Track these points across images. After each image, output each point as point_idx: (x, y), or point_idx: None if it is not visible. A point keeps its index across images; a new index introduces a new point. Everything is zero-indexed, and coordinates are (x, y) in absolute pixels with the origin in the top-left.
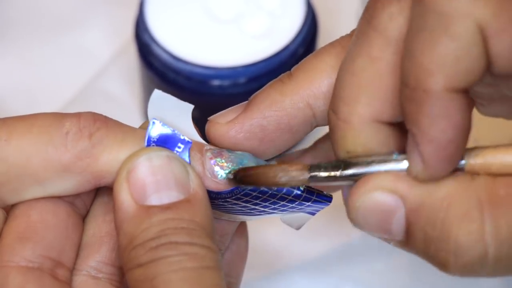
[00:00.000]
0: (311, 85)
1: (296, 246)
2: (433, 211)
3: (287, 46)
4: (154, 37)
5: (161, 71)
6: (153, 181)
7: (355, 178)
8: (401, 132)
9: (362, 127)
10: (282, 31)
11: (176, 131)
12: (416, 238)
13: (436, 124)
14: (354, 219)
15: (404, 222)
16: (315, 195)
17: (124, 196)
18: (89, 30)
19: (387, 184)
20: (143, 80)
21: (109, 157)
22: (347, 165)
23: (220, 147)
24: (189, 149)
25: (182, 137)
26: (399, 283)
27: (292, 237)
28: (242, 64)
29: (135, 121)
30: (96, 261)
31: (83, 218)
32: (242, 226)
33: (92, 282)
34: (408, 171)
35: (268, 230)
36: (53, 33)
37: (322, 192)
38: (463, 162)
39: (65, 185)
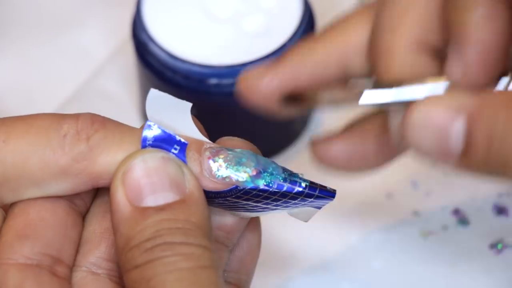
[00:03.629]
0: (344, 39)
1: (294, 245)
2: (496, 107)
3: (285, 44)
4: (152, 36)
5: (158, 70)
6: (148, 183)
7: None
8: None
9: (406, 53)
10: (280, 30)
11: (172, 133)
12: (477, 143)
13: (481, 25)
14: (410, 137)
15: (464, 128)
16: (318, 191)
17: (120, 199)
18: (87, 29)
19: (443, 99)
20: (140, 79)
21: (106, 159)
22: (399, 83)
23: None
24: (185, 150)
25: (178, 138)
26: (397, 282)
27: (290, 235)
28: (240, 63)
29: (133, 120)
30: (95, 257)
31: (83, 216)
32: (254, 222)
33: (92, 278)
34: (447, 77)
35: (266, 229)
36: (50, 32)
37: (326, 187)
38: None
39: (62, 186)
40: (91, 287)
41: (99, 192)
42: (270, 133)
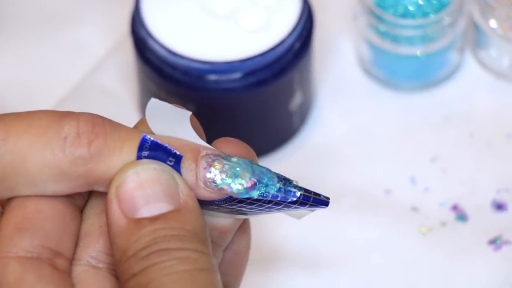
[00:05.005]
0: None
1: (293, 241)
2: None
3: (284, 40)
4: (150, 32)
5: (157, 66)
6: (141, 194)
7: None
8: None
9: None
10: (278, 26)
11: (167, 145)
12: None
13: None
14: None
15: None
16: (312, 200)
17: (114, 212)
18: (85, 25)
19: None
20: (139, 75)
21: (105, 167)
22: None
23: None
24: (180, 162)
25: (173, 151)
26: (396, 278)
27: (288, 232)
28: (238, 59)
29: (132, 116)
30: (96, 251)
31: (81, 209)
32: (244, 224)
33: (93, 272)
34: None
35: (265, 225)
36: (49, 29)
37: (320, 195)
38: None
39: (59, 187)
40: (92, 281)
41: None
42: (268, 129)
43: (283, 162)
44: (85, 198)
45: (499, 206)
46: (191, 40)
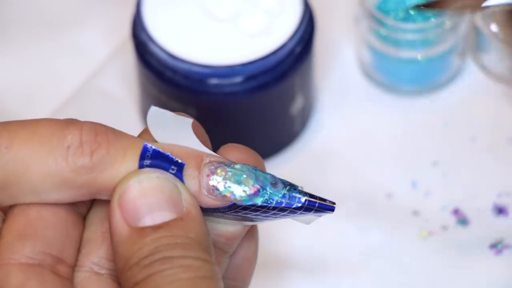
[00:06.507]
0: None
1: (294, 245)
2: None
3: (285, 44)
4: (151, 35)
5: (158, 69)
6: (144, 203)
7: None
8: None
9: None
10: (280, 30)
11: (169, 154)
12: None
13: None
14: None
15: None
16: (317, 205)
17: (117, 221)
18: (86, 28)
19: None
20: (140, 79)
21: (107, 177)
22: None
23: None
24: (182, 170)
25: (175, 159)
26: (397, 282)
27: (289, 236)
28: (239, 63)
29: (132, 120)
30: (98, 257)
31: (84, 216)
32: (252, 230)
33: (95, 278)
34: None
35: (265, 229)
36: (49, 32)
37: (325, 200)
38: None
39: (61, 196)
40: (94, 287)
41: None
42: (269, 133)
43: (284, 166)
44: (87, 206)
45: (500, 210)
46: (192, 44)
